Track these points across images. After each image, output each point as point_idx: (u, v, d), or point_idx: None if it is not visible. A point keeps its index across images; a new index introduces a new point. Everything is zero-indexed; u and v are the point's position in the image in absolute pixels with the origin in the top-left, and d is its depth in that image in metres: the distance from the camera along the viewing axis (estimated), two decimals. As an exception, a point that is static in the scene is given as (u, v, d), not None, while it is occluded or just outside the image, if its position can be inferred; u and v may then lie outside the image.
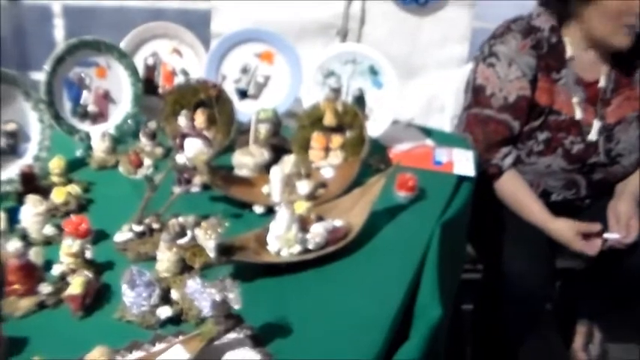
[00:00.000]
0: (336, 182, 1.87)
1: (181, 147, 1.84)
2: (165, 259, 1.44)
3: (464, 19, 3.15)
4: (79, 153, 2.05)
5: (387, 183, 1.77)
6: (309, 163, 1.96)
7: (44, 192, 1.77)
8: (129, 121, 2.16)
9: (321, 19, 3.13)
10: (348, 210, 1.70)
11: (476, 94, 2.34)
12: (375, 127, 2.13)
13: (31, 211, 1.61)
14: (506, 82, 2.26)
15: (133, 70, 2.14)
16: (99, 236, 1.65)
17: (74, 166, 2.00)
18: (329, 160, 1.96)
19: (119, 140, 2.14)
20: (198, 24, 3.08)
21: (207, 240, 1.38)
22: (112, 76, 2.13)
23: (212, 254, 1.40)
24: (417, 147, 2.20)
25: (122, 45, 2.19)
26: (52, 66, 1.99)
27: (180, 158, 1.71)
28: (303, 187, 1.80)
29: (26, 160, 1.88)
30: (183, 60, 2.29)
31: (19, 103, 1.86)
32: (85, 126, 2.10)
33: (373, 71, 2.10)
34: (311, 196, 1.81)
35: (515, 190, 2.35)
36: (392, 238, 1.72)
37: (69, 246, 1.47)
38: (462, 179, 2.07)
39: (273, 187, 1.79)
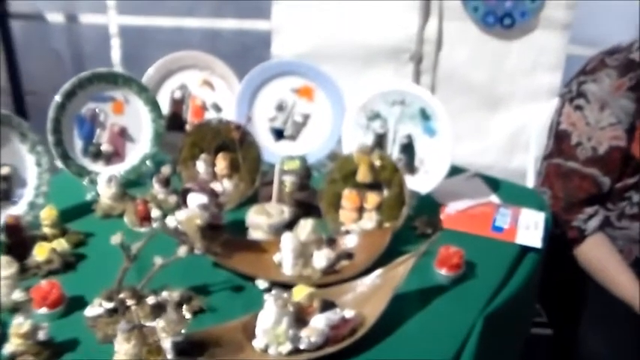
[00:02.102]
0: (364, 253, 1.55)
1: (184, 203, 1.58)
2: (123, 352, 1.17)
3: (557, 43, 2.75)
4: (89, 197, 1.83)
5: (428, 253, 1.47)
6: (339, 226, 1.65)
7: (30, 245, 1.56)
8: (147, 162, 1.93)
9: (392, 42, 2.82)
10: (365, 296, 1.38)
11: (559, 141, 1.96)
12: (425, 182, 1.80)
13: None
14: (597, 129, 1.87)
15: (154, 105, 1.91)
16: (76, 304, 1.43)
17: (81, 211, 1.80)
18: (362, 223, 1.64)
19: (136, 183, 1.91)
20: (258, 46, 2.87)
21: (165, 339, 1.11)
22: (130, 112, 1.91)
23: (169, 356, 1.12)
24: (476, 205, 1.84)
25: (146, 77, 1.96)
26: (61, 101, 1.79)
27: (171, 221, 1.44)
28: (321, 258, 1.50)
29: (20, 206, 1.68)
30: (214, 93, 2.04)
31: (15, 145, 1.67)
32: (98, 167, 1.89)
33: (425, 115, 1.77)
34: (330, 270, 1.50)
35: (600, 258, 1.95)
36: (419, 332, 1.39)
37: (18, 325, 1.24)
38: (525, 250, 1.71)
39: (285, 257, 1.50)
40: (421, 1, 2.70)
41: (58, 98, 1.78)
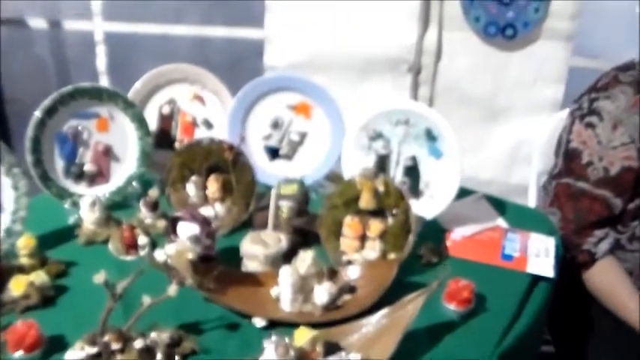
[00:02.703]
0: (368, 286, 1.45)
1: (174, 232, 1.46)
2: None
3: (559, 55, 2.65)
4: (71, 220, 1.71)
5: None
6: (340, 255, 1.54)
7: (6, 277, 1.45)
8: (134, 183, 1.81)
9: (389, 53, 2.72)
10: (371, 337, 1.27)
11: (569, 160, 1.86)
12: (430, 207, 1.69)
13: (-32, 313, 1.27)
14: (609, 149, 1.77)
15: (140, 122, 1.79)
16: (56, 346, 1.31)
17: (62, 237, 1.68)
18: (365, 253, 1.53)
19: (122, 206, 1.79)
20: (250, 55, 2.76)
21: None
22: (115, 129, 1.79)
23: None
24: (483, 230, 1.73)
25: (133, 91, 1.83)
26: (41, 118, 1.67)
27: (160, 255, 1.32)
28: (322, 293, 1.39)
29: (-4, 234, 1.55)
30: (205, 109, 1.92)
31: (-11, 168, 1.53)
32: (80, 188, 1.77)
33: (431, 136, 1.66)
34: (332, 305, 1.38)
35: (610, 282, 1.85)
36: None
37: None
38: (536, 278, 1.61)
39: (283, 293, 1.39)
40: (420, 10, 2.59)
41: (37, 114, 1.66)
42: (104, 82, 2.85)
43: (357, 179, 1.54)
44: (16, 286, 1.42)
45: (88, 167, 1.77)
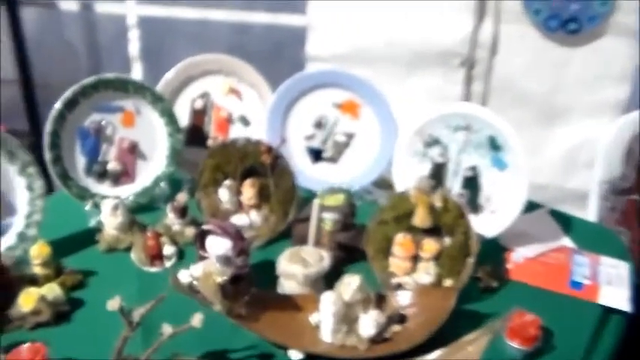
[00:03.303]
0: (420, 316, 1.27)
1: (202, 246, 1.29)
2: None
3: (626, 52, 2.41)
4: (92, 223, 1.55)
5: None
6: (389, 277, 1.36)
7: (17, 289, 1.30)
8: (162, 183, 1.64)
9: (441, 45, 2.51)
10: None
11: (642, 173, 1.64)
12: (490, 224, 1.50)
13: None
14: None
15: (170, 117, 1.63)
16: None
17: (81, 242, 1.53)
18: (417, 276, 1.35)
19: (148, 208, 1.63)
20: (291, 44, 2.57)
21: None
22: (142, 125, 1.63)
23: None
24: (549, 251, 1.53)
25: (163, 83, 1.67)
26: (61, 111, 1.50)
27: (185, 276, 1.16)
28: (369, 324, 1.21)
29: (9, 238, 1.40)
30: (242, 104, 1.75)
31: (2, 166, 1.38)
32: (103, 188, 1.62)
33: (494, 145, 1.47)
34: (379, 338, 1.21)
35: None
36: None
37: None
38: (609, 310, 1.41)
39: (324, 322, 1.21)
40: (476, 0, 2.37)
41: (56, 107, 1.50)
42: (137, 68, 2.70)
43: (412, 193, 1.36)
44: (26, 301, 1.28)
45: (112, 165, 1.62)
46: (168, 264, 1.46)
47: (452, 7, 2.44)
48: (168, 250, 1.46)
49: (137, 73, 2.65)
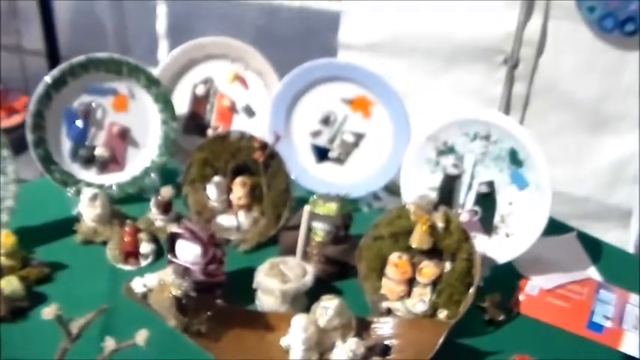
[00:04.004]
0: (406, 351, 1.12)
1: (172, 250, 1.16)
2: None
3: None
4: (75, 212, 1.44)
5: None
6: (379, 300, 1.22)
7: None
8: (152, 174, 1.52)
9: (484, 41, 2.35)
10: None
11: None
12: (504, 248, 1.34)
13: None
14: None
15: (165, 103, 1.52)
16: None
17: (59, 232, 1.42)
18: (409, 303, 1.20)
19: (137, 199, 1.52)
20: (323, 30, 2.43)
21: None
22: (135, 110, 1.52)
23: None
24: (569, 284, 1.36)
25: (163, 65, 1.55)
26: (46, 91, 1.40)
27: (138, 285, 1.03)
28: (341, 356, 1.07)
29: (-22, 224, 1.31)
30: (247, 92, 1.61)
31: (-27, 148, 1.29)
32: (88, 175, 1.52)
33: (516, 160, 1.30)
34: (356, 372, 1.07)
35: None
36: None
37: None
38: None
39: (293, 348, 1.07)
40: (524, -7, 2.19)
41: (41, 87, 1.39)
42: (163, 47, 2.59)
43: (411, 209, 1.20)
44: (-19, 295, 1.17)
45: (100, 151, 1.51)
46: (143, 263, 1.35)
47: (498, 1, 2.26)
48: (146, 247, 1.35)
49: (163, 51, 2.55)
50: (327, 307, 1.10)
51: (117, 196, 1.51)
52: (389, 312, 1.23)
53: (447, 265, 1.21)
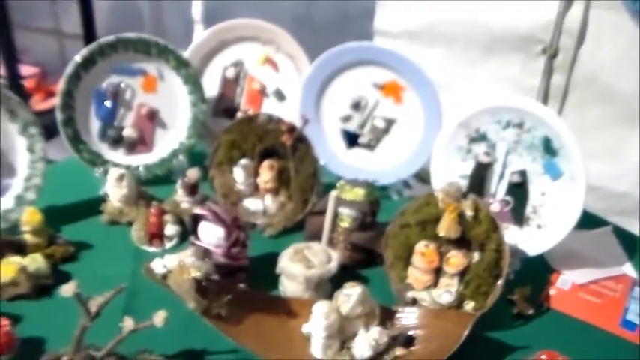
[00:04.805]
0: (430, 341, 1.10)
1: (194, 232, 1.15)
2: None
3: None
4: (102, 192, 1.44)
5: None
6: (405, 289, 1.19)
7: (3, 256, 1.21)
8: (180, 156, 1.52)
9: (522, 30, 2.28)
10: None
11: None
12: (535, 240, 1.30)
13: None
14: None
15: (195, 85, 1.50)
16: (30, 352, 1.06)
17: (85, 211, 1.43)
18: (436, 294, 1.17)
19: (164, 181, 1.51)
20: (359, 16, 2.41)
21: None
22: (164, 91, 1.51)
23: None
24: (603, 279, 1.32)
25: (193, 47, 1.54)
26: (75, 71, 1.40)
27: (158, 265, 1.02)
28: (366, 344, 1.04)
29: (7, 201, 1.32)
30: (278, 75, 1.59)
31: (2, 125, 1.31)
32: (116, 155, 1.52)
33: (549, 149, 1.26)
34: (377, 362, 1.05)
35: None
36: None
37: None
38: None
39: (314, 335, 1.05)
40: (565, -19, 2.13)
41: (71, 66, 1.39)
42: (199, 31, 2.58)
43: (440, 196, 1.17)
44: (5, 271, 1.19)
45: (128, 132, 1.51)
46: (168, 245, 1.34)
47: (538, -11, 2.20)
48: (171, 229, 1.34)
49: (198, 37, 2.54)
50: (350, 294, 1.07)
51: (144, 178, 1.51)
52: (414, 302, 1.20)
53: (476, 256, 1.18)
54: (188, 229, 1.38)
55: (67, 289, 0.94)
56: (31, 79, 2.91)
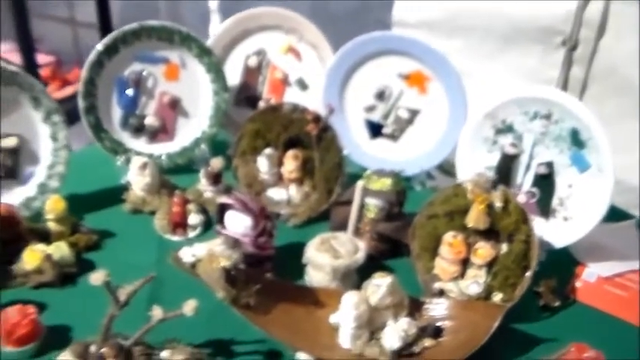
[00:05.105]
0: (458, 334, 1.09)
1: (221, 221, 1.14)
2: None
3: None
4: (123, 180, 1.44)
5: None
6: (431, 280, 1.18)
7: (27, 244, 1.21)
8: (202, 145, 1.51)
9: (542, 21, 2.25)
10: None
11: None
12: (561, 232, 1.29)
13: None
14: None
15: (217, 74, 1.50)
16: (57, 340, 1.06)
17: (107, 199, 1.42)
18: (463, 285, 1.16)
19: (185, 170, 1.51)
20: (377, 5, 2.37)
21: None
22: (186, 79, 1.50)
23: None
24: (628, 273, 1.31)
25: (215, 35, 1.53)
26: (97, 59, 1.39)
27: (186, 254, 1.02)
28: (395, 335, 1.03)
29: (29, 188, 1.31)
30: (301, 65, 1.58)
31: (26, 112, 1.30)
32: (138, 144, 1.51)
33: (577, 141, 1.24)
34: (405, 352, 1.04)
35: None
36: None
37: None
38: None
39: (343, 326, 1.04)
40: (586, -28, 2.10)
41: (94, 54, 1.38)
42: (215, 21, 2.57)
43: (469, 187, 1.16)
44: (30, 259, 1.18)
45: (150, 120, 1.50)
46: (191, 234, 1.33)
47: (558, -22, 2.18)
48: (194, 219, 1.34)
49: (215, 26, 2.53)
50: (379, 284, 1.07)
51: (165, 166, 1.50)
52: (441, 293, 1.19)
53: (504, 247, 1.17)
54: (211, 219, 1.38)
55: (97, 278, 0.93)
56: (46, 68, 2.90)
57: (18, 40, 2.33)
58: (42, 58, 2.87)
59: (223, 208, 1.15)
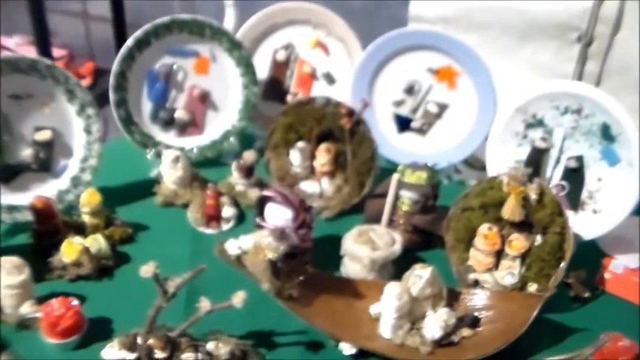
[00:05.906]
0: (495, 324, 1.11)
1: (261, 214, 1.16)
2: None
3: None
4: (153, 174, 1.45)
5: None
6: (466, 271, 1.20)
7: (63, 236, 1.22)
8: (232, 138, 1.52)
9: (558, 17, 2.25)
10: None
11: None
12: (591, 225, 1.31)
13: (3, 280, 1.04)
14: None
15: (247, 68, 1.50)
16: (100, 332, 1.08)
17: (138, 193, 1.43)
18: (498, 276, 1.18)
19: (215, 163, 1.52)
20: (396, 2, 2.37)
21: None
22: (216, 73, 1.51)
23: None
24: (656, 264, 1.32)
25: (244, 29, 1.54)
26: (129, 52, 1.40)
27: (233, 247, 1.03)
28: (435, 325, 1.05)
29: (63, 181, 1.32)
30: (329, 59, 1.60)
31: (60, 105, 1.30)
32: (168, 137, 1.52)
33: (608, 135, 1.26)
34: (445, 341, 1.06)
35: None
36: None
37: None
38: None
39: (385, 316, 1.06)
40: (602, -32, 2.11)
41: (126, 47, 1.39)
42: (229, 16, 2.56)
43: (505, 180, 1.17)
44: (68, 251, 1.19)
45: (180, 114, 1.50)
46: (225, 227, 1.35)
47: (575, -26, 2.18)
48: (228, 211, 1.35)
49: (229, 21, 2.52)
50: (421, 275, 1.08)
51: (195, 160, 1.51)
52: (476, 284, 1.21)
53: (538, 239, 1.18)
54: (244, 212, 1.39)
55: (147, 270, 0.94)
56: (60, 62, 2.89)
57: (34, 34, 2.32)
58: (55, 52, 2.86)
59: (263, 201, 1.16)
